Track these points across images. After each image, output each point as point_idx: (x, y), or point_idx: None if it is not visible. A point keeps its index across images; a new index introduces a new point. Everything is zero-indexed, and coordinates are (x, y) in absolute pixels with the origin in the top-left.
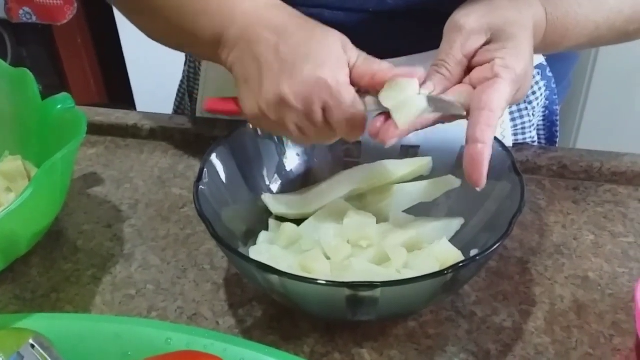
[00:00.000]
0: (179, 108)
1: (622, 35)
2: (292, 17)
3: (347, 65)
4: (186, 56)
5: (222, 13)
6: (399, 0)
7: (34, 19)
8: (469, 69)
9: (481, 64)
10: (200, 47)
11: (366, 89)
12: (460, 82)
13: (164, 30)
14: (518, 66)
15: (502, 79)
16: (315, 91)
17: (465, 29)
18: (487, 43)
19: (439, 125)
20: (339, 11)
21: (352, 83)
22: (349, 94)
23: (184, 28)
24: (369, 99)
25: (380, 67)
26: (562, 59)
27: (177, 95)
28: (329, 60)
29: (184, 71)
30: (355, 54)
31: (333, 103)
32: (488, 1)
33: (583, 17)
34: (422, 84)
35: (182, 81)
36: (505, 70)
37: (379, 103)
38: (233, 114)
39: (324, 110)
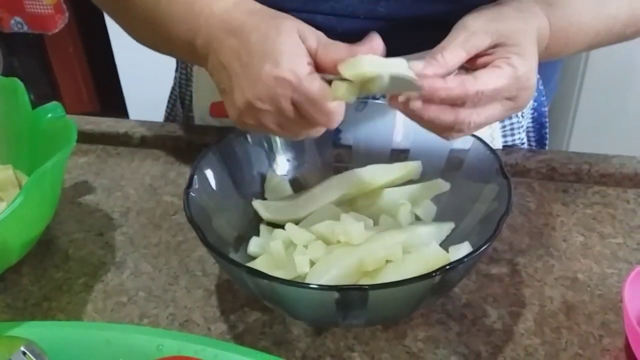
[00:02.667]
0: (170, 115)
1: (620, 38)
2: (250, 16)
3: (306, 55)
4: (177, 63)
5: (188, 20)
6: (390, 9)
7: (25, 28)
8: (471, 71)
9: (485, 66)
10: (179, 53)
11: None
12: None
13: (144, 34)
14: (521, 67)
15: (500, 68)
16: (278, 90)
17: (471, 28)
18: (491, 47)
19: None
20: (331, 16)
21: (319, 69)
22: (312, 85)
23: (160, 33)
24: (339, 83)
25: (339, 54)
26: (548, 61)
27: (169, 102)
28: (285, 55)
29: (175, 78)
30: (314, 42)
31: (299, 97)
32: (496, 9)
33: (584, 26)
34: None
35: (173, 88)
36: (507, 65)
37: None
38: None
39: (294, 105)
